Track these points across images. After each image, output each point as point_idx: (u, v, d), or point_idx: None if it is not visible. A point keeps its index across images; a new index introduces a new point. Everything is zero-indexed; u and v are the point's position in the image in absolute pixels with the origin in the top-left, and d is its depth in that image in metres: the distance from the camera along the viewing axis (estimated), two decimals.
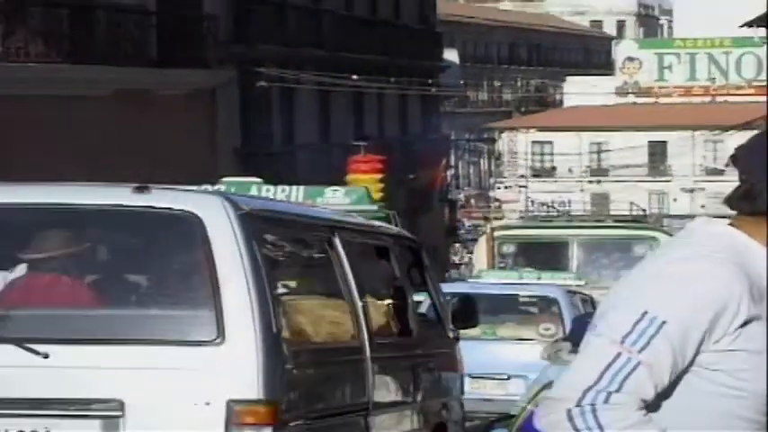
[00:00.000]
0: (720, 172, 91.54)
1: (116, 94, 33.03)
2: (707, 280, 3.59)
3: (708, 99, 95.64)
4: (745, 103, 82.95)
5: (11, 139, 29.86)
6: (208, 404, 8.91)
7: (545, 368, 9.60)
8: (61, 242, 9.55)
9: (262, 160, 40.26)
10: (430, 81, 54.81)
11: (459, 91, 76.57)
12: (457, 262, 59.73)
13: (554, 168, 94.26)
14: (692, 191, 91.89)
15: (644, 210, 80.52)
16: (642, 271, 3.77)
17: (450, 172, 60.03)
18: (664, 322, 3.55)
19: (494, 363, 19.30)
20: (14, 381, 8.86)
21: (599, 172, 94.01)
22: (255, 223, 9.55)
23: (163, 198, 9.55)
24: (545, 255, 30.22)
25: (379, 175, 41.31)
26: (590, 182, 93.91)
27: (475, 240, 71.98)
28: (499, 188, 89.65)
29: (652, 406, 3.60)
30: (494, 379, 19.63)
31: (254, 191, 15.69)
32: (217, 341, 8.94)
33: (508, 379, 18.74)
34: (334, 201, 17.17)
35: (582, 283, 26.81)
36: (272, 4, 42.18)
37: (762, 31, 73.47)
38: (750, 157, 3.89)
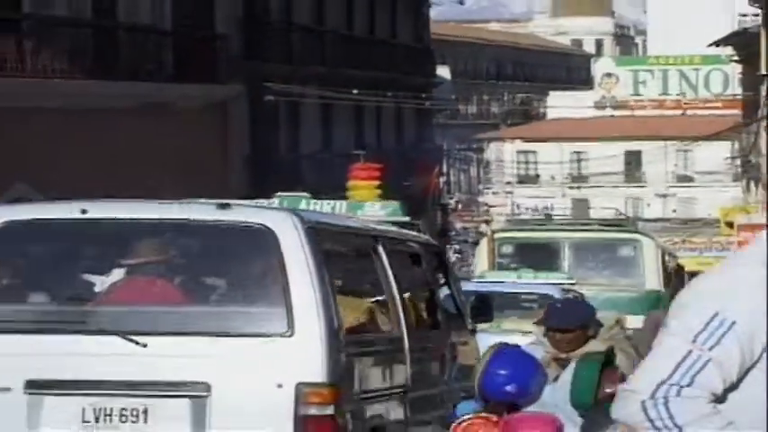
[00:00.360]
0: (690, 179, 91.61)
1: (136, 107, 33.03)
2: None
3: (679, 112, 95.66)
4: (714, 115, 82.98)
5: (38, 150, 29.87)
6: (280, 386, 9.74)
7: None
8: (155, 251, 10.41)
9: (269, 168, 40.27)
10: (424, 95, 54.80)
11: (450, 104, 76.58)
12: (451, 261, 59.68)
13: (538, 176, 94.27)
14: (664, 196, 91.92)
15: (624, 214, 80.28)
16: (714, 273, 3.78)
17: (442, 179, 59.96)
18: (734, 323, 3.55)
19: None
20: (118, 366, 9.67)
21: (579, 179, 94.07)
22: (317, 234, 10.40)
23: (241, 213, 10.64)
24: (539, 255, 30.38)
25: (377, 182, 41.21)
26: (571, 188, 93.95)
27: (466, 242, 72.16)
28: (487, 194, 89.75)
29: (720, 399, 3.60)
30: None
31: (303, 204, 16.31)
32: (287, 334, 9.82)
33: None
34: (372, 213, 17.72)
35: (573, 281, 27.13)
36: (279, 25, 42.18)
37: (728, 50, 73.53)
38: None
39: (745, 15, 72.39)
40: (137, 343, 9.61)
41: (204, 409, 9.82)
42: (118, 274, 10.50)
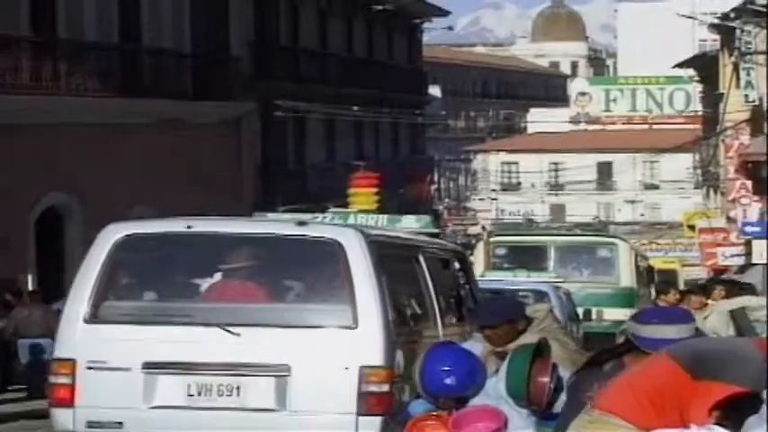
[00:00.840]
0: (656, 187, 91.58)
1: (157, 122, 33.03)
2: None
3: (646, 126, 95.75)
4: (677, 130, 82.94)
5: (70, 160, 29.88)
6: (347, 369, 10.89)
7: None
8: (246, 258, 11.56)
9: (278, 177, 40.30)
10: (417, 111, 54.85)
11: (440, 120, 76.62)
12: None
13: (519, 184, 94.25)
14: (633, 202, 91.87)
15: (598, 217, 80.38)
16: None
17: (433, 186, 59.98)
18: None
19: None
20: (218, 351, 10.83)
21: (556, 187, 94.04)
22: (375, 246, 11.56)
23: (315, 230, 11.88)
24: (528, 256, 30.76)
25: (375, 189, 41.28)
26: (549, 195, 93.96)
27: (455, 243, 72.08)
28: (474, 200, 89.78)
29: None
30: None
31: (351, 219, 16.65)
32: (353, 327, 10.97)
33: None
34: (407, 225, 17.98)
35: (561, 280, 27.72)
36: (287, 48, 42.22)
37: (690, 71, 73.54)
38: None
39: (704, 40, 72.44)
40: (232, 333, 10.76)
41: (285, 386, 10.93)
42: (217, 277, 11.67)
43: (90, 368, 11.01)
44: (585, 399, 5.96)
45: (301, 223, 11.94)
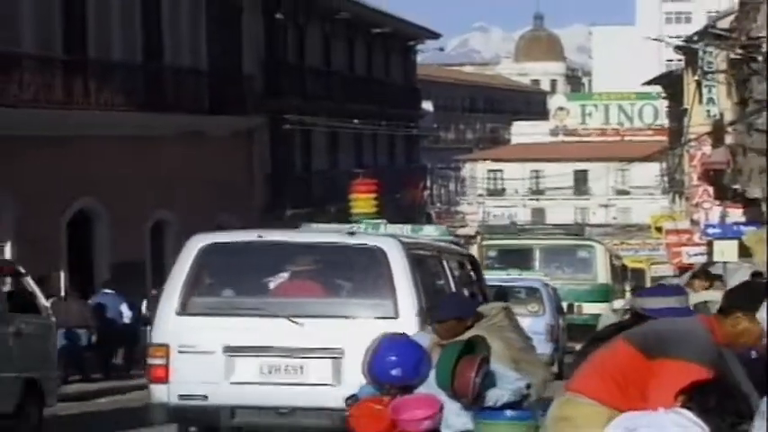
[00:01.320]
0: (627, 192, 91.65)
1: (177, 134, 33.06)
2: None
3: (618, 138, 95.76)
4: (646, 141, 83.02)
5: (100, 168, 29.86)
6: None
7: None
8: (308, 262, 12.75)
9: (286, 183, 40.32)
10: (411, 124, 54.93)
11: (432, 132, 76.71)
12: None
13: (504, 189, 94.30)
14: (606, 206, 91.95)
15: (576, 222, 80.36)
16: None
17: (426, 192, 59.99)
18: None
19: None
20: (285, 338, 11.95)
21: (537, 192, 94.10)
22: (411, 251, 12.80)
23: (362, 238, 13.27)
24: (517, 257, 31.22)
25: (374, 195, 41.37)
26: (530, 200, 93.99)
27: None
28: (463, 204, 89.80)
29: None
30: None
31: (381, 228, 17.43)
32: (394, 317, 11.98)
33: None
34: (428, 233, 18.78)
35: (548, 278, 28.23)
36: (294, 67, 42.23)
37: (658, 88, 73.63)
38: None
39: (670, 61, 72.55)
40: (296, 323, 11.90)
41: (340, 366, 11.98)
42: (283, 277, 12.78)
43: (180, 352, 12.19)
44: None
45: (351, 233, 13.55)
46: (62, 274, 28.28)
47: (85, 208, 30.32)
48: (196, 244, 12.68)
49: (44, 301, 17.40)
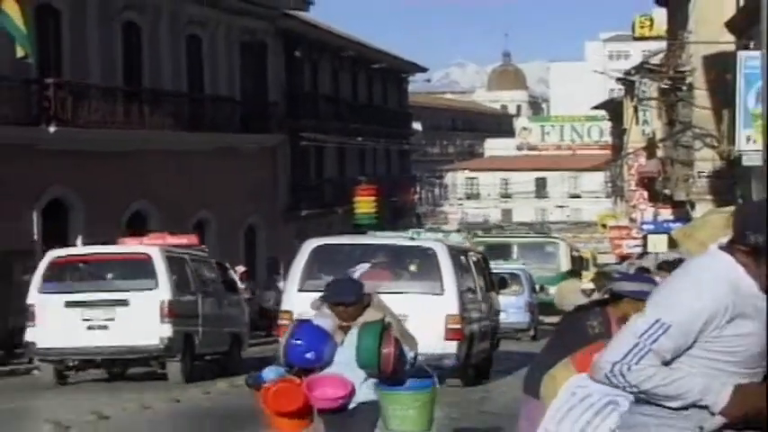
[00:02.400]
0: (579, 196, 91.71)
1: (215, 150, 33.07)
2: (703, 299, 3.49)
3: (571, 152, 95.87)
4: (593, 155, 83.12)
5: (152, 177, 29.88)
6: (439, 316, 14.59)
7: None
8: (382, 257, 15.13)
9: (303, 189, 40.32)
10: (404, 141, 54.92)
11: (421, 147, 76.69)
12: None
13: (479, 194, 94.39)
14: (561, 207, 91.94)
15: (538, 223, 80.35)
16: (665, 289, 3.66)
17: (416, 196, 60.02)
18: (670, 326, 3.48)
19: None
20: None
21: (506, 196, 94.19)
22: (452, 251, 15.51)
23: (420, 241, 15.87)
24: (499, 251, 32.07)
25: (374, 198, 41.36)
26: (501, 202, 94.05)
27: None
28: (445, 206, 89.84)
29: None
30: None
31: (422, 235, 18.88)
32: (441, 294, 14.73)
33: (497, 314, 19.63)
34: (455, 239, 20.14)
35: (525, 266, 29.79)
36: (310, 95, 42.21)
37: (603, 112, 73.69)
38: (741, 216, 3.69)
39: (613, 89, 72.50)
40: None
41: (406, 326, 12.89)
42: (365, 267, 13.68)
43: (298, 316, 14.27)
44: (582, 330, 5.95)
45: (412, 238, 16.48)
46: None
47: (140, 209, 30.33)
48: (310, 245, 15.40)
49: (240, 285, 21.93)
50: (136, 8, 30.57)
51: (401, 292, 13.95)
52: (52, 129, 26.16)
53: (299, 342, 6.69)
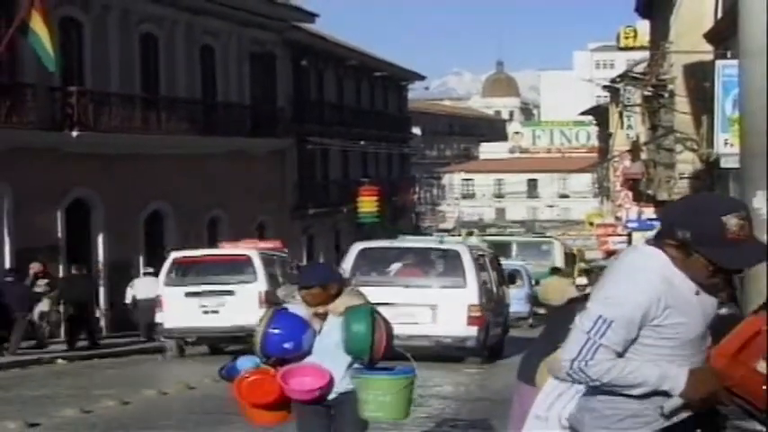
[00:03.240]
0: (567, 196, 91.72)
1: (227, 153, 33.10)
2: (638, 293, 3.53)
3: (560, 155, 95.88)
4: (581, 157, 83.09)
5: (168, 179, 29.94)
6: (462, 305, 16.48)
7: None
8: (414, 258, 17.29)
9: (309, 190, 40.34)
10: (404, 145, 54.94)
11: (420, 150, 76.70)
12: None
13: (474, 194, 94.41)
14: (551, 206, 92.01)
15: (531, 222, 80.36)
16: (603, 286, 3.68)
17: (415, 196, 60.06)
18: (612, 321, 3.52)
19: None
20: (404, 298, 16.19)
21: (499, 196, 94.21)
22: (473, 252, 17.48)
23: (447, 245, 18.01)
24: (500, 249, 32.23)
25: (376, 198, 41.40)
26: (494, 201, 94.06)
27: (431, 236, 72.08)
28: (443, 205, 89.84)
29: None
30: None
31: (446, 239, 21.06)
32: (464, 287, 16.60)
33: (507, 305, 21.11)
34: (474, 243, 22.63)
35: (524, 263, 31.06)
36: (316, 102, 42.26)
37: (590, 117, 73.64)
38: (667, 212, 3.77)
39: (599, 96, 72.49)
40: (406, 288, 16.57)
41: (436, 314, 16.53)
42: (399, 266, 17.11)
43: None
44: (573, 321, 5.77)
45: (441, 241, 18.67)
46: (140, 259, 28.33)
47: (158, 209, 30.37)
48: (356, 247, 17.54)
49: None
50: (153, 21, 30.60)
51: (431, 287, 16.71)
52: (75, 133, 26.22)
53: (276, 331, 5.91)
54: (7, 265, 23.71)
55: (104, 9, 28.41)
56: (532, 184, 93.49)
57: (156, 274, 24.24)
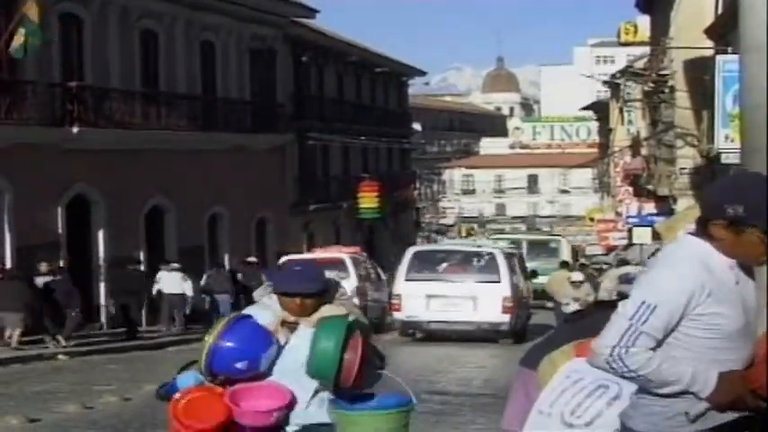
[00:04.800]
0: (568, 191, 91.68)
1: (227, 149, 33.06)
2: (682, 279, 3.49)
3: (560, 151, 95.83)
4: (581, 153, 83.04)
5: (168, 174, 29.90)
6: (497, 297, 20.30)
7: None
8: (457, 259, 21.10)
9: (309, 186, 40.32)
10: (404, 140, 54.89)
11: (420, 146, 76.65)
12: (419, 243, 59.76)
13: (474, 189, 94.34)
14: (552, 202, 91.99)
15: (529, 217, 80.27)
16: (646, 274, 3.65)
17: (416, 192, 60.07)
18: (656, 307, 3.47)
19: None
20: (450, 291, 20.62)
21: (499, 192, 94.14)
22: (505, 253, 21.38)
23: (484, 247, 21.98)
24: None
25: (376, 194, 41.39)
26: (494, 197, 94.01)
27: (430, 230, 72.01)
28: (443, 201, 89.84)
29: (656, 349, 3.51)
30: None
31: (481, 241, 26.30)
32: (498, 282, 20.44)
33: (529, 297, 24.25)
34: (503, 245, 24.73)
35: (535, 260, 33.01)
36: (316, 97, 42.23)
37: (590, 113, 73.61)
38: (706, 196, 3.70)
39: (600, 91, 72.44)
40: (452, 283, 20.61)
41: (476, 305, 20.33)
42: (445, 265, 20.78)
43: (406, 296, 20.73)
44: (596, 326, 5.68)
45: (479, 245, 22.41)
46: (141, 254, 28.33)
47: (159, 204, 30.37)
48: (410, 251, 21.81)
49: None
50: (153, 16, 30.58)
51: (472, 282, 20.39)
52: (75, 129, 26.20)
53: (229, 345, 4.59)
54: (8, 263, 23.74)
55: (104, 5, 28.39)
56: (533, 179, 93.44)
57: (182, 270, 25.32)
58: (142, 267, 25.90)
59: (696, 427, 3.51)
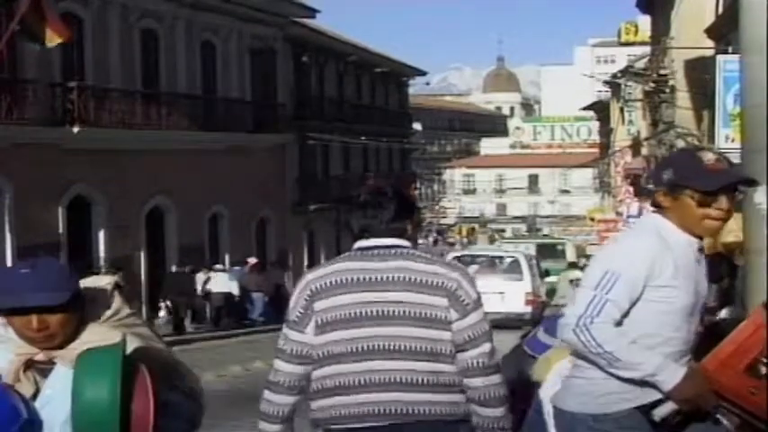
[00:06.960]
0: (568, 191, 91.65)
1: (228, 149, 33.09)
2: (642, 249, 3.56)
3: (561, 150, 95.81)
4: (582, 153, 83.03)
5: (169, 174, 29.91)
6: (521, 292, 23.88)
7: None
8: (485, 261, 24.63)
9: (310, 186, 40.33)
10: (404, 140, 54.91)
11: (421, 146, 76.65)
12: (420, 242, 59.83)
13: (475, 189, 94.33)
14: (552, 202, 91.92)
15: (530, 216, 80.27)
16: (607, 246, 3.82)
17: (416, 191, 60.08)
18: (620, 275, 3.52)
19: None
20: (482, 286, 18.19)
21: (500, 191, 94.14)
22: (527, 257, 25.30)
23: (507, 253, 25.84)
24: None
25: None
26: (495, 197, 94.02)
27: (430, 230, 71.98)
28: (444, 200, 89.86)
29: (619, 322, 3.55)
30: None
31: (505, 246, 31.30)
32: (521, 280, 24.05)
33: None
34: (524, 251, 28.78)
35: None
36: (316, 97, 42.24)
37: (591, 113, 73.60)
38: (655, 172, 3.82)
39: (600, 91, 72.43)
40: (483, 281, 21.41)
41: (505, 299, 22.80)
42: (476, 267, 22.87)
43: None
44: None
45: (505, 251, 26.40)
46: (141, 255, 28.35)
47: (159, 204, 30.38)
48: (450, 255, 23.58)
49: None
50: (154, 16, 30.59)
51: (500, 280, 23.33)
52: (76, 129, 26.22)
53: None
54: (8, 262, 23.74)
55: (104, 4, 28.41)
56: (533, 179, 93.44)
57: (226, 271, 28.16)
58: (186, 269, 27.42)
59: (626, 405, 3.54)
